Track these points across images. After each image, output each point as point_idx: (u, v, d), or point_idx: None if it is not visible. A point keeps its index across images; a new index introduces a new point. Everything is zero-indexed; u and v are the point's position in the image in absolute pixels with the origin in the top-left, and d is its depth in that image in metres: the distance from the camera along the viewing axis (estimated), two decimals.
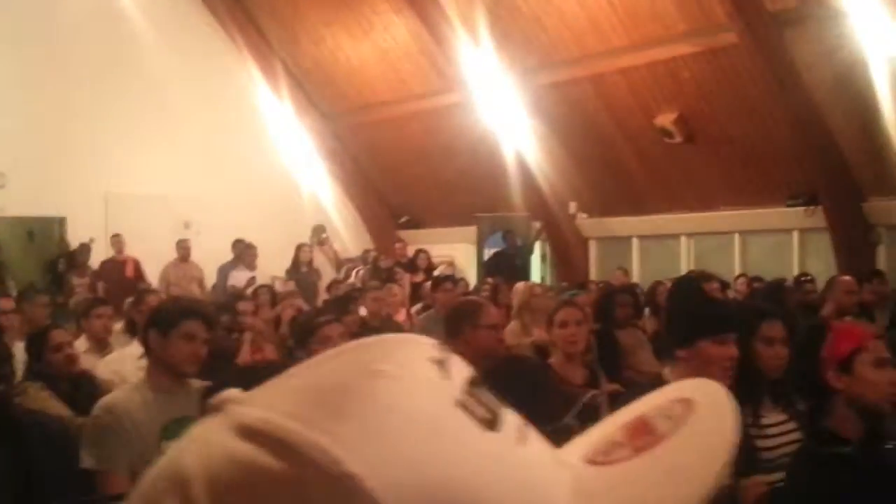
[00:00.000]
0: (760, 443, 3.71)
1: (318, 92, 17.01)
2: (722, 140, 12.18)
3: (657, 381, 3.47)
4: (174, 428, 3.55)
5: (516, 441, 0.57)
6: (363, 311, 8.31)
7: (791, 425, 3.70)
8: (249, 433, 0.52)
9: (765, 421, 3.83)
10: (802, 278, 9.14)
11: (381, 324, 8.61)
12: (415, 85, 15.23)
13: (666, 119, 12.39)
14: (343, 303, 7.57)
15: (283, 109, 16.54)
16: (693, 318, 3.62)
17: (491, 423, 0.56)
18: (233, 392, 0.56)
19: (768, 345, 3.89)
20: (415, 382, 0.57)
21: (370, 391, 0.55)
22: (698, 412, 0.60)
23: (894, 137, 10.27)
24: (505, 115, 13.76)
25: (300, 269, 13.69)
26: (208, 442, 0.54)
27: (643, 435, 0.60)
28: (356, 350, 0.59)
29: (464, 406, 0.56)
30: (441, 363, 0.58)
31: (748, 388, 3.88)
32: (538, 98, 13.54)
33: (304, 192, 16.60)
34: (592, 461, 0.60)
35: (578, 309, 5.16)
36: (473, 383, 0.59)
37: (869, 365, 2.86)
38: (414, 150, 16.08)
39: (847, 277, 7.77)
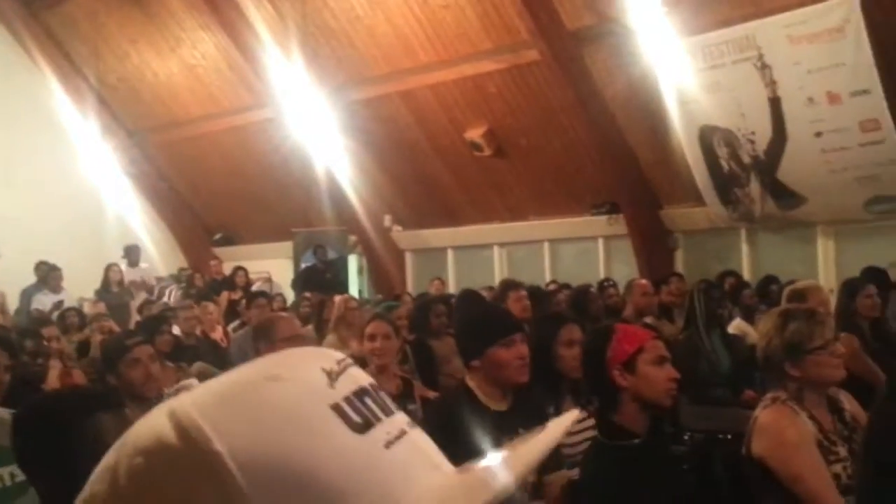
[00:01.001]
0: (563, 440, 3.93)
1: (124, 109, 16.58)
2: (529, 153, 12.61)
3: (462, 386, 3.63)
4: None
5: (383, 445, 0.69)
6: (177, 331, 8.19)
7: (590, 423, 3.93)
8: (171, 415, 0.68)
9: None
10: (605, 283, 9.57)
11: (197, 342, 8.52)
12: (225, 101, 15.07)
13: (475, 133, 12.72)
14: (155, 323, 7.43)
15: (88, 127, 16.01)
16: (478, 329, 3.79)
17: (361, 427, 0.69)
18: (187, 382, 0.73)
19: (569, 347, 4.13)
20: (298, 387, 0.70)
21: (260, 390, 0.69)
22: (544, 430, 0.75)
23: (684, 148, 10.90)
24: (317, 131, 13.80)
25: (110, 290, 13.30)
26: (149, 417, 0.70)
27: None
28: (269, 359, 0.75)
29: (338, 410, 0.69)
30: (332, 374, 0.71)
31: (551, 388, 4.11)
32: (350, 113, 13.64)
33: (113, 211, 16.09)
34: (461, 470, 0.73)
35: (387, 323, 5.29)
36: (360, 393, 0.71)
37: (650, 364, 3.10)
38: (226, 167, 15.91)
39: (643, 281, 8.21)
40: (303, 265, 14.78)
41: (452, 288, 13.12)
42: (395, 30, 12.38)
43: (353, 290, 14.51)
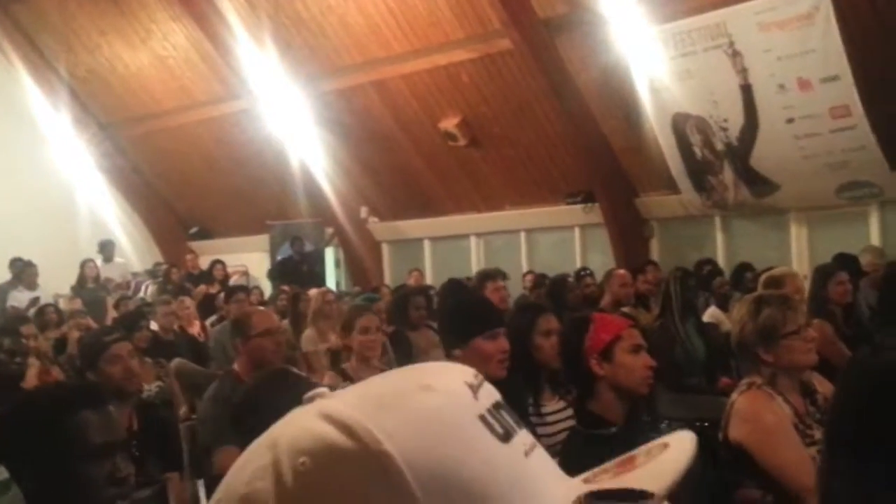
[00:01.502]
0: (541, 430, 3.97)
1: (95, 102, 16.46)
2: (504, 142, 12.64)
3: None
4: None
5: (523, 454, 0.75)
6: (154, 326, 8.18)
7: (568, 412, 3.96)
8: (327, 417, 0.73)
9: (544, 409, 4.09)
10: (582, 272, 9.61)
11: (175, 337, 8.50)
12: (198, 93, 15.00)
13: (449, 123, 12.73)
14: (133, 319, 7.41)
15: (59, 120, 15.90)
16: (464, 319, 3.83)
17: (504, 437, 0.74)
18: (322, 390, 0.78)
19: (546, 337, 4.16)
20: (450, 397, 0.75)
21: (416, 399, 0.74)
22: (668, 451, 0.79)
23: (658, 136, 10.95)
24: (292, 122, 13.76)
25: (86, 286, 13.24)
26: (298, 420, 0.74)
27: (626, 465, 0.78)
28: (414, 370, 0.81)
29: (484, 420, 0.75)
30: (473, 387, 0.77)
31: (529, 379, 4.14)
32: (324, 104, 13.62)
33: (86, 205, 15.99)
34: (585, 480, 0.78)
35: (377, 315, 5.32)
36: (497, 406, 0.77)
37: (626, 352, 3.14)
38: (200, 159, 15.86)
39: (621, 271, 8.26)
40: (279, 257, 14.75)
41: (430, 279, 13.14)
42: (366, 19, 12.36)
43: (331, 282, 14.50)
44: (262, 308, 6.10)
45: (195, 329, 9.57)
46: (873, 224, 10.50)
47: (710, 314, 7.76)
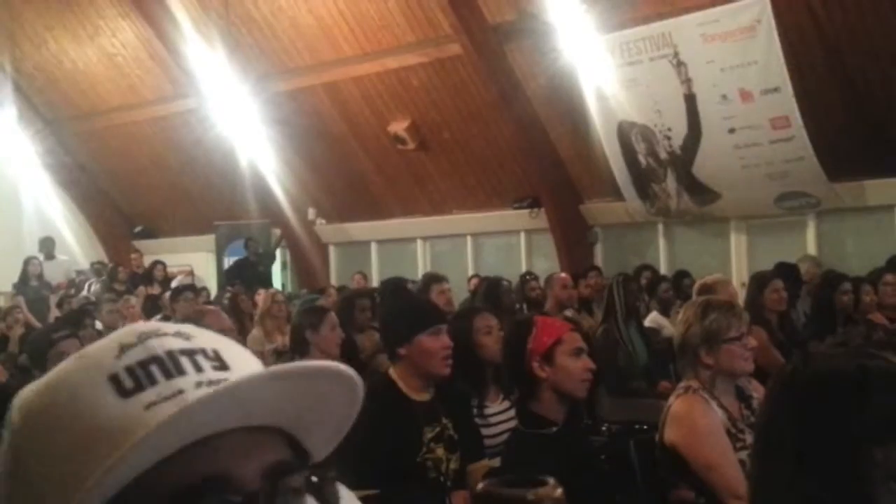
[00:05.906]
0: (485, 431, 4.05)
1: (41, 98, 16.27)
2: (452, 147, 12.73)
3: (384, 378, 3.73)
4: None
5: (143, 407, 0.77)
6: (99, 325, 8.13)
7: (511, 413, 4.05)
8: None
9: (488, 411, 4.18)
10: (527, 276, 9.72)
11: None
12: (146, 91, 14.90)
13: (399, 126, 12.78)
14: (78, 317, 7.38)
15: (3, 116, 15.64)
16: (408, 316, 3.89)
17: (127, 393, 0.78)
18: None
19: (487, 334, 4.25)
20: (85, 361, 0.81)
21: (60, 367, 0.83)
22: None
23: (604, 143, 11.11)
24: (240, 122, 13.71)
25: (29, 283, 13.08)
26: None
27: None
28: (102, 340, 0.85)
29: (114, 379, 0.78)
30: (125, 346, 0.81)
31: (473, 379, 4.22)
32: (273, 105, 13.59)
33: (31, 202, 15.79)
34: None
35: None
36: (146, 362, 0.80)
37: (567, 355, 3.23)
38: (147, 158, 15.73)
39: (562, 275, 8.35)
40: (229, 258, 14.63)
41: (376, 282, 13.13)
42: (318, 21, 12.38)
43: (277, 283, 14.45)
44: (213, 307, 6.11)
45: None
46: (810, 234, 10.74)
47: (652, 319, 7.89)
